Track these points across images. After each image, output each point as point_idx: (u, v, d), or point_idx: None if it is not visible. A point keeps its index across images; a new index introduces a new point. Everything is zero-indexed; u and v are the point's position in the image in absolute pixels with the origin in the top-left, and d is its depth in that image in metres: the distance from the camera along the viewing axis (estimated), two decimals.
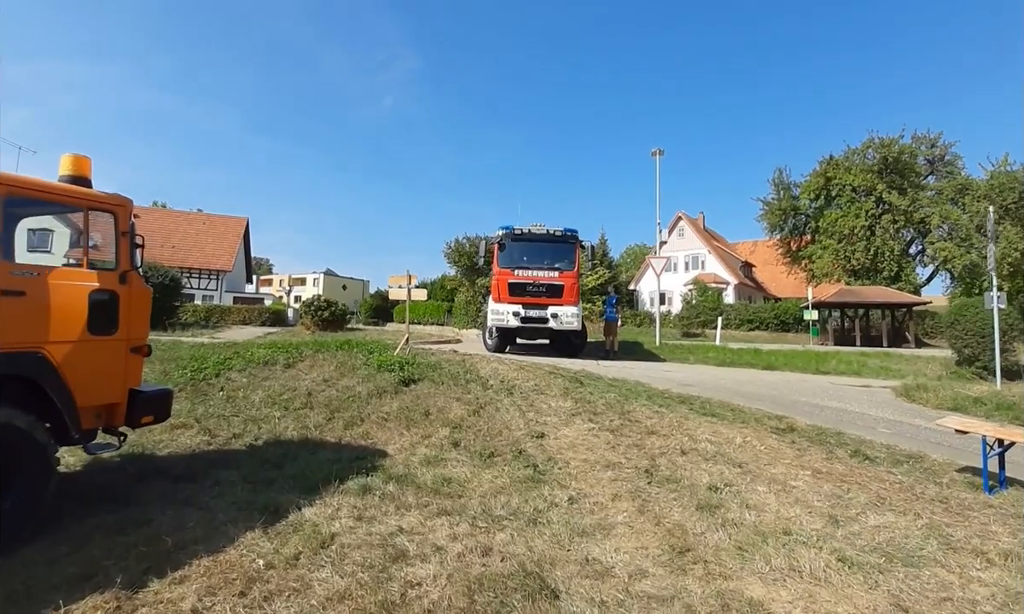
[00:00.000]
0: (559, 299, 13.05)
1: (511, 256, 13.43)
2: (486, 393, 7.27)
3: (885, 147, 30.64)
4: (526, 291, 13.03)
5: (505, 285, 13.08)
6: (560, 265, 13.37)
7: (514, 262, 13.36)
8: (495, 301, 13.20)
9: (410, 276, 9.79)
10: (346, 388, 7.77)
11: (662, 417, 5.99)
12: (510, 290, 13.03)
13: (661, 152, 17.72)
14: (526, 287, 13.06)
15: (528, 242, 13.49)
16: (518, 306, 12.86)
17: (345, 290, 58.42)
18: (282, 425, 6.52)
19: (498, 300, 13.11)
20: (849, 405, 7.66)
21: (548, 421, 6.01)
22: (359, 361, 9.04)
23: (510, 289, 13.04)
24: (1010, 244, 26.03)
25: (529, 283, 13.08)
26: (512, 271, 13.22)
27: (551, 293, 13.06)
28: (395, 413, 6.61)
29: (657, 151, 17.78)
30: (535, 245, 13.52)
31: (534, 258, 13.42)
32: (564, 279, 13.17)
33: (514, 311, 12.83)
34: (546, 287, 13.06)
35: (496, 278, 13.32)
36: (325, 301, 19.68)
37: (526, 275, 13.16)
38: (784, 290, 45.45)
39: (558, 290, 13.10)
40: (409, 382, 7.84)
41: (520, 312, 12.82)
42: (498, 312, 12.96)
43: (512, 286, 13.06)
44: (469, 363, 9.30)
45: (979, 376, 13.04)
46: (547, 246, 13.55)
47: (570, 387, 7.55)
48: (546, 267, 13.28)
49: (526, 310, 12.85)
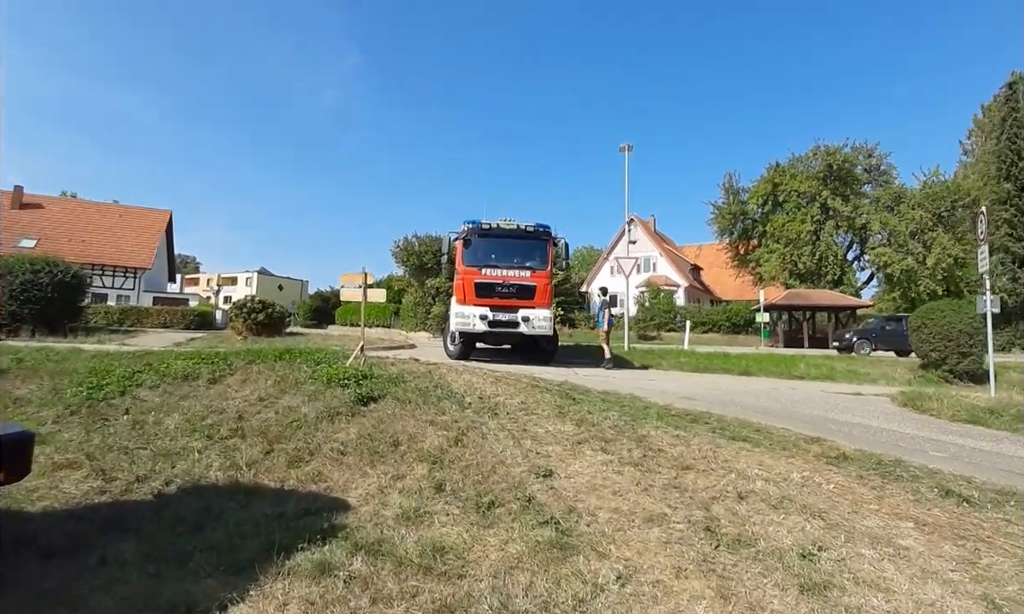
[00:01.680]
0: (531, 301, 11.90)
1: (477, 254, 12.12)
2: (465, 414, 6.00)
3: (830, 155, 31.76)
4: (494, 292, 11.82)
5: (471, 285, 11.79)
6: (531, 264, 12.17)
7: (481, 260, 12.07)
8: (459, 303, 11.87)
9: (365, 274, 8.34)
10: (288, 409, 6.28)
11: (687, 443, 4.96)
12: (477, 291, 11.76)
13: (630, 148, 17.01)
14: (494, 288, 11.84)
15: (496, 238, 12.23)
16: (485, 309, 11.62)
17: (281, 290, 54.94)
18: (204, 462, 5.00)
19: (463, 302, 11.81)
20: (865, 418, 6.97)
21: (551, 452, 4.83)
22: (304, 374, 7.54)
23: (477, 290, 11.77)
24: (944, 250, 27.42)
25: (498, 283, 11.86)
26: (479, 270, 11.92)
27: (522, 294, 11.89)
28: (354, 443, 5.22)
29: (626, 146, 17.06)
30: (504, 241, 12.29)
31: (503, 256, 12.19)
32: (536, 279, 12.02)
33: (481, 314, 11.57)
34: (516, 288, 11.87)
35: (461, 278, 11.98)
36: (260, 302, 17.56)
37: (495, 275, 11.91)
38: (728, 293, 46.60)
39: (529, 291, 11.95)
40: (368, 400, 6.45)
41: (488, 315, 11.58)
42: (463, 315, 11.65)
43: (479, 286, 11.79)
44: (437, 375, 7.98)
45: (945, 379, 13.06)
46: (517, 243, 12.33)
47: (563, 404, 6.41)
48: (516, 266, 12.06)
49: (494, 313, 11.63)
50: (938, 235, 27.91)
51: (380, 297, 8.83)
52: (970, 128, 43.65)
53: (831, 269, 30.63)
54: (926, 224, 28.49)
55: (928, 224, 28.50)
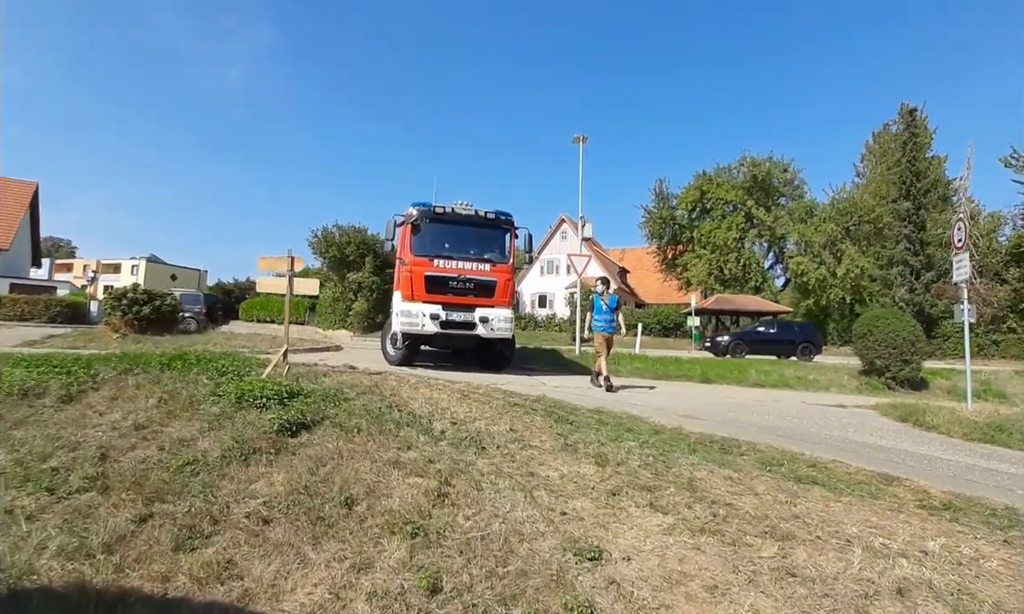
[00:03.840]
0: (490, 299, 10.40)
1: (428, 242, 10.36)
2: (440, 448, 4.42)
3: (755, 166, 33.08)
4: (448, 288, 10.18)
5: (420, 279, 10.04)
6: (491, 256, 10.64)
7: (432, 249, 10.34)
8: (406, 299, 10.09)
9: (292, 258, 6.43)
10: (180, 444, 4.40)
11: (752, 490, 3.76)
12: (427, 286, 10.04)
13: (584, 138, 15.97)
14: (448, 282, 10.19)
15: (451, 225, 10.57)
16: (437, 307, 9.96)
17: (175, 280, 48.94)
18: (34, 541, 3.11)
19: (410, 298, 10.03)
20: (881, 439, 6.22)
21: (582, 511, 3.41)
22: (203, 389, 5.61)
23: (427, 284, 10.05)
24: (852, 261, 29.30)
25: (453, 277, 10.22)
26: (430, 261, 10.20)
27: (480, 291, 10.36)
28: (283, 502, 3.49)
29: (580, 137, 16.00)
30: (460, 229, 10.65)
31: (458, 246, 10.57)
32: (496, 274, 10.52)
33: (432, 313, 9.89)
34: (474, 283, 10.31)
35: (408, 269, 10.17)
36: (145, 292, 14.47)
37: (449, 267, 10.24)
38: (650, 296, 47.70)
39: (489, 288, 10.43)
40: (298, 428, 4.69)
41: (440, 315, 9.93)
42: (410, 314, 9.90)
43: (430, 280, 10.08)
44: (387, 389, 6.28)
45: (887, 386, 13.25)
46: (475, 231, 10.75)
47: (562, 431, 5.01)
48: (474, 258, 10.48)
49: (447, 312, 10.00)
50: (847, 247, 29.85)
51: (311, 288, 6.91)
52: (862, 152, 47.86)
53: (754, 276, 31.90)
54: (836, 236, 30.40)
55: (838, 236, 30.44)
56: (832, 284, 29.72)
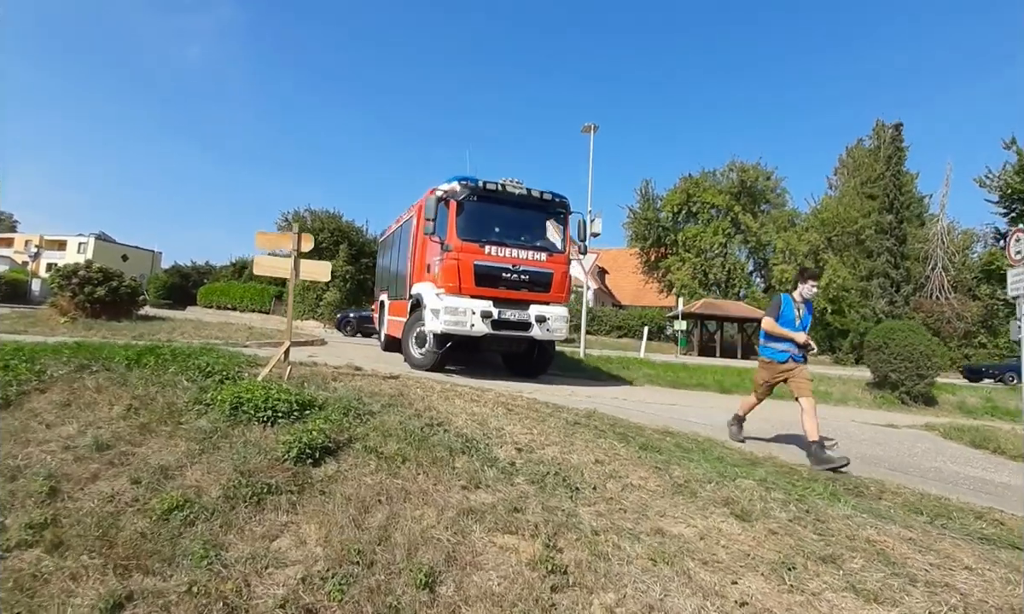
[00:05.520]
0: (546, 294, 8.90)
1: (475, 224, 8.63)
2: (515, 486, 3.38)
3: (744, 172, 32.99)
4: (501, 281, 8.56)
5: (470, 269, 8.36)
6: (545, 244, 9.12)
7: (481, 234, 8.64)
8: (451, 292, 8.38)
9: (300, 234, 5.21)
10: (161, 474, 3.23)
11: (952, 560, 2.88)
12: (478, 278, 8.39)
13: (595, 127, 15.04)
14: (502, 274, 8.57)
15: (502, 205, 8.92)
16: (488, 303, 8.34)
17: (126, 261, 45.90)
18: None
19: (456, 290, 8.35)
20: (988, 472, 5.51)
21: (764, 599, 2.42)
22: (185, 395, 4.41)
23: (478, 276, 8.40)
24: (835, 272, 29.52)
25: (507, 268, 8.60)
26: (480, 247, 8.50)
27: (535, 286, 8.81)
28: (331, 578, 2.39)
29: (591, 126, 15.06)
30: (512, 211, 9.08)
31: (509, 231, 8.97)
32: (553, 265, 8.99)
33: (484, 310, 8.25)
34: (529, 276, 8.75)
35: (455, 256, 8.40)
36: (100, 270, 12.72)
37: (503, 255, 8.62)
38: (626, 297, 47.41)
39: (545, 282, 8.90)
40: (322, 454, 3.56)
41: (492, 313, 8.29)
42: (457, 311, 8.21)
43: (481, 271, 8.42)
44: (414, 397, 5.19)
45: (901, 401, 12.88)
46: (528, 214, 9.21)
47: (653, 461, 4.03)
48: (528, 246, 8.89)
49: (500, 309, 8.37)
50: (829, 257, 30.09)
51: (322, 273, 5.59)
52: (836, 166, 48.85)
53: (738, 281, 31.84)
54: (819, 246, 30.61)
55: (821, 246, 30.66)
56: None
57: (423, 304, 8.82)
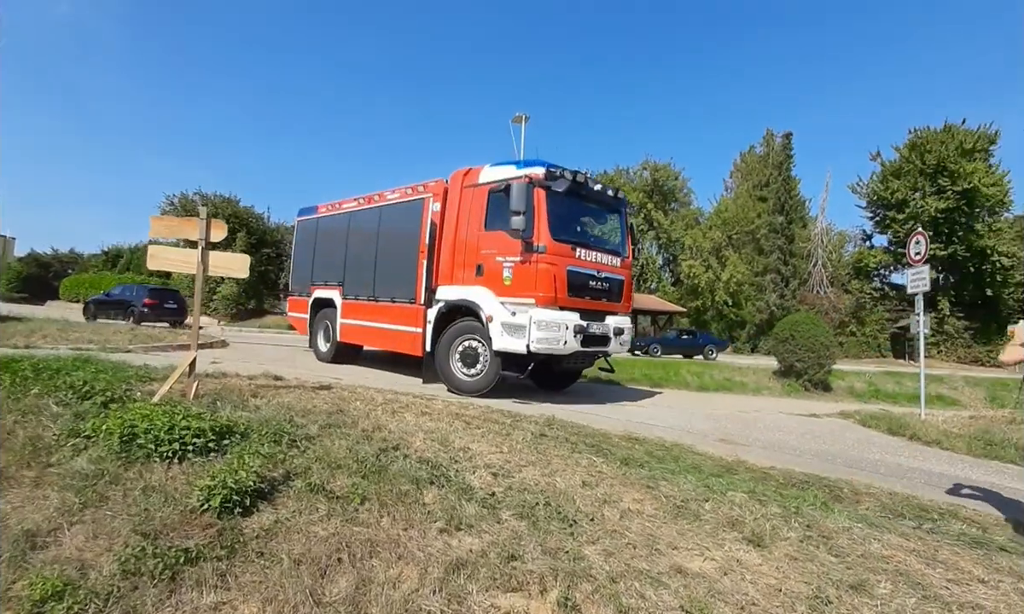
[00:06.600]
0: (617, 304, 7.86)
1: (563, 221, 7.17)
2: (502, 522, 2.85)
3: (657, 171, 34.48)
4: (587, 289, 7.33)
5: (564, 275, 6.90)
6: (617, 247, 8.09)
7: (569, 233, 7.29)
8: (544, 303, 6.75)
9: (209, 219, 4.26)
10: (23, 544, 2.30)
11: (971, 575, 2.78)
12: (570, 286, 6.99)
13: (526, 118, 14.66)
14: (589, 282, 7.34)
15: (582, 200, 7.65)
16: (577, 315, 6.97)
17: None
18: None
19: (552, 302, 6.79)
20: (917, 461, 5.81)
21: None
22: (54, 425, 3.42)
23: (570, 284, 6.99)
24: (735, 268, 31.80)
25: (594, 274, 7.41)
26: (572, 250, 7.11)
27: (611, 294, 7.72)
28: None
29: (522, 117, 14.65)
30: (591, 208, 7.95)
31: (588, 232, 7.90)
32: (624, 272, 8.05)
33: (577, 324, 6.89)
34: (609, 284, 7.64)
35: (549, 260, 6.78)
36: None
37: (590, 260, 7.39)
38: None
39: (619, 289, 7.87)
40: (252, 499, 2.80)
41: (582, 327, 6.96)
42: (550, 325, 6.68)
43: (574, 278, 7.06)
44: (355, 413, 4.47)
45: (804, 388, 13.95)
46: (602, 213, 8.21)
47: (639, 477, 3.69)
48: (607, 249, 7.79)
49: (588, 322, 7.10)
50: (730, 254, 32.41)
51: (239, 268, 4.57)
52: (731, 170, 52.92)
53: (651, 276, 33.31)
54: (722, 243, 32.87)
55: (723, 243, 32.94)
56: (717, 287, 32.10)
57: (482, 315, 7.09)
